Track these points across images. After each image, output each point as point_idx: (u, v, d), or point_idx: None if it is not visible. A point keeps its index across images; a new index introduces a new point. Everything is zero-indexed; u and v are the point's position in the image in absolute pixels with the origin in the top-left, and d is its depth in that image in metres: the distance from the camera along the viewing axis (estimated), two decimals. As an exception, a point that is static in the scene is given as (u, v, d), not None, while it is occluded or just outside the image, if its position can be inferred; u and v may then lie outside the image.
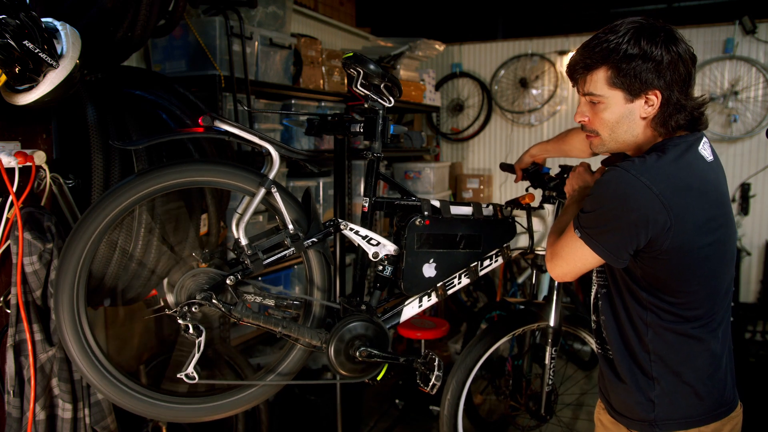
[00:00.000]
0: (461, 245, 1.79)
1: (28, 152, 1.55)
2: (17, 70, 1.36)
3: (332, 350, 1.65)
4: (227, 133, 1.55)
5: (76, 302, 1.48)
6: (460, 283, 1.82)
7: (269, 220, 2.92)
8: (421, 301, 1.80)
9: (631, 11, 5.27)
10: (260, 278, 2.91)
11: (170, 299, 1.60)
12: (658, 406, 1.41)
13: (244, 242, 1.60)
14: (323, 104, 3.50)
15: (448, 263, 1.78)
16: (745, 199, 4.50)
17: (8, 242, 1.54)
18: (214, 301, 1.53)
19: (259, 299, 1.63)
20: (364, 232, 1.71)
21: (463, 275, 1.81)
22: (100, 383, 1.52)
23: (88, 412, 1.64)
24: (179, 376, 1.55)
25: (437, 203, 1.77)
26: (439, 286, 1.79)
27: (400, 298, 1.82)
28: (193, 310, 1.53)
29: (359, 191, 3.68)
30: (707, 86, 4.57)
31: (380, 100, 1.66)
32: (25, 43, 1.33)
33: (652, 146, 1.38)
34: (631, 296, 1.41)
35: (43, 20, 1.42)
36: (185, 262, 1.79)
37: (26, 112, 1.52)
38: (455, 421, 2.07)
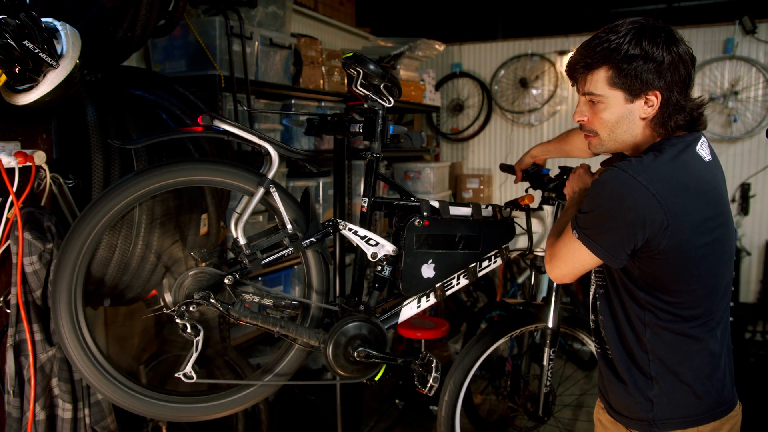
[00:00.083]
0: (460, 246, 1.78)
1: (28, 152, 1.55)
2: (17, 70, 1.36)
3: (330, 350, 1.65)
4: (226, 132, 1.55)
5: (73, 301, 1.48)
6: (458, 283, 1.81)
7: (269, 220, 2.91)
8: (419, 301, 1.80)
9: (631, 11, 5.27)
10: (260, 278, 2.91)
11: (168, 299, 1.60)
12: (656, 405, 1.41)
13: (242, 242, 1.59)
14: (323, 104, 3.49)
15: (446, 264, 1.77)
16: (745, 199, 4.50)
17: (8, 242, 1.54)
18: (212, 300, 1.52)
19: (257, 299, 1.62)
20: (362, 232, 1.71)
21: (461, 276, 1.81)
22: (97, 382, 1.52)
23: (88, 412, 1.64)
24: (177, 375, 1.55)
25: (436, 204, 1.77)
26: (437, 286, 1.78)
27: (398, 298, 1.81)
28: (191, 309, 1.53)
29: (359, 191, 3.67)
30: (707, 86, 4.57)
31: (380, 100, 1.66)
32: (25, 43, 1.33)
33: (649, 146, 1.38)
34: (629, 296, 1.41)
35: (43, 20, 1.43)
36: (184, 261, 1.79)
37: (26, 112, 1.52)
38: (452, 422, 2.07)
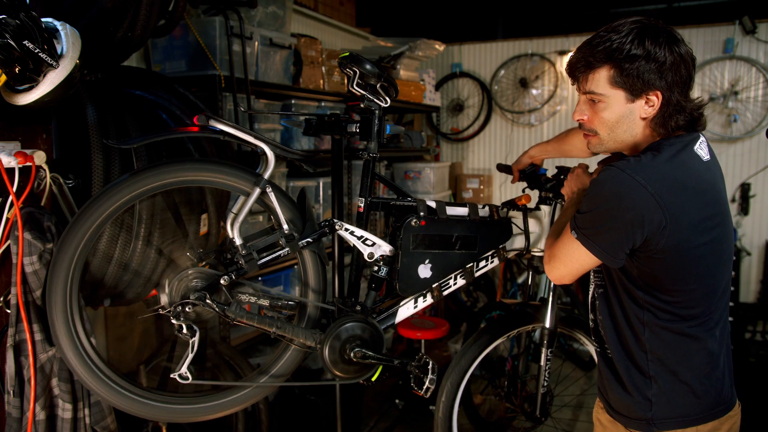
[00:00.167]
0: (457, 246, 1.78)
1: (28, 152, 1.55)
2: (17, 70, 1.36)
3: (327, 351, 1.65)
4: (222, 132, 1.54)
5: (68, 301, 1.48)
6: (455, 284, 1.81)
7: (269, 220, 2.91)
8: (416, 301, 1.79)
9: (631, 11, 5.27)
10: (260, 278, 2.91)
11: (164, 299, 1.60)
12: (655, 405, 1.42)
13: (238, 242, 1.59)
14: (323, 104, 3.49)
15: (443, 264, 1.77)
16: (745, 199, 4.50)
17: (8, 242, 1.54)
18: (207, 301, 1.52)
19: (253, 299, 1.62)
20: (359, 232, 1.70)
21: (458, 276, 1.81)
22: (93, 383, 1.52)
23: (88, 412, 1.64)
24: (172, 376, 1.55)
25: (433, 204, 1.76)
26: (434, 287, 1.78)
27: (395, 298, 1.81)
28: (186, 310, 1.52)
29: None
30: (707, 86, 4.56)
31: (376, 100, 1.66)
32: (25, 43, 1.33)
33: (647, 146, 1.38)
34: (627, 295, 1.42)
35: (43, 20, 1.43)
36: (182, 261, 1.79)
37: (26, 112, 1.52)
38: (450, 423, 2.06)
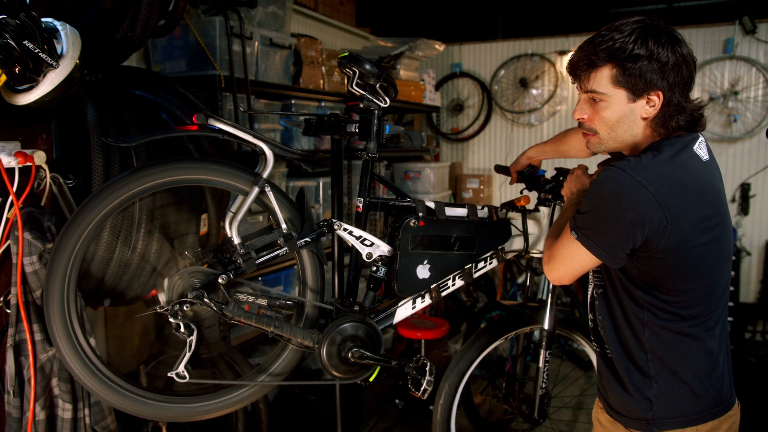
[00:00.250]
0: (456, 247, 1.78)
1: (28, 152, 1.55)
2: (17, 70, 1.36)
3: (324, 351, 1.65)
4: (221, 131, 1.54)
5: (66, 300, 1.47)
6: (454, 284, 1.81)
7: (268, 220, 2.91)
8: (414, 302, 1.79)
9: (631, 11, 5.27)
10: (260, 279, 2.91)
11: (162, 298, 1.60)
12: (655, 404, 1.42)
13: (236, 241, 1.59)
14: (323, 104, 3.50)
15: (442, 265, 1.77)
16: (745, 199, 4.50)
17: (8, 242, 1.54)
18: (205, 299, 1.52)
19: (251, 299, 1.62)
20: (357, 232, 1.70)
21: (457, 277, 1.80)
22: (91, 383, 1.51)
23: (88, 412, 1.64)
24: (169, 375, 1.54)
25: (432, 204, 1.76)
26: (433, 287, 1.77)
27: (394, 299, 1.80)
28: (184, 308, 1.52)
29: (359, 191, 3.67)
30: (707, 86, 4.57)
31: (375, 100, 1.66)
32: (25, 43, 1.33)
33: (647, 146, 1.38)
34: (627, 295, 1.41)
35: (43, 20, 1.43)
36: (181, 261, 1.79)
37: (26, 112, 1.52)
38: (448, 426, 2.06)
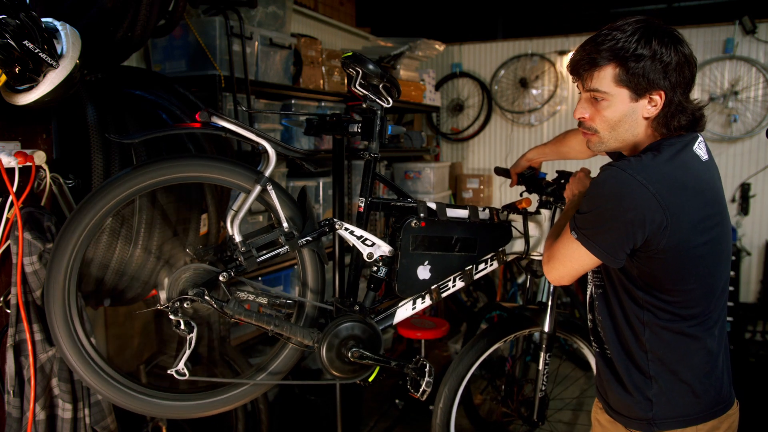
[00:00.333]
0: (456, 248, 1.77)
1: (28, 152, 1.55)
2: (17, 70, 1.36)
3: (324, 350, 1.64)
4: (224, 129, 1.54)
5: (66, 298, 1.47)
6: (454, 286, 1.80)
7: (269, 219, 2.91)
8: (414, 303, 1.79)
9: (631, 11, 5.27)
10: (260, 278, 2.91)
11: (163, 296, 1.59)
12: (655, 404, 1.42)
13: (238, 239, 1.59)
14: (323, 104, 3.50)
15: (442, 266, 1.76)
16: (745, 199, 4.50)
17: (8, 242, 1.54)
18: (206, 297, 1.52)
19: (252, 297, 1.62)
20: (359, 232, 1.70)
21: (457, 278, 1.80)
22: (91, 379, 1.51)
23: (88, 412, 1.64)
24: (169, 372, 1.54)
25: (433, 205, 1.76)
26: (433, 288, 1.77)
27: (394, 299, 1.80)
28: (184, 306, 1.52)
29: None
30: (707, 86, 4.57)
31: (378, 100, 1.66)
32: (25, 43, 1.33)
33: (647, 146, 1.38)
34: (627, 296, 1.41)
35: (43, 20, 1.43)
36: (183, 260, 1.79)
37: (26, 112, 1.52)
38: (448, 428, 2.05)
